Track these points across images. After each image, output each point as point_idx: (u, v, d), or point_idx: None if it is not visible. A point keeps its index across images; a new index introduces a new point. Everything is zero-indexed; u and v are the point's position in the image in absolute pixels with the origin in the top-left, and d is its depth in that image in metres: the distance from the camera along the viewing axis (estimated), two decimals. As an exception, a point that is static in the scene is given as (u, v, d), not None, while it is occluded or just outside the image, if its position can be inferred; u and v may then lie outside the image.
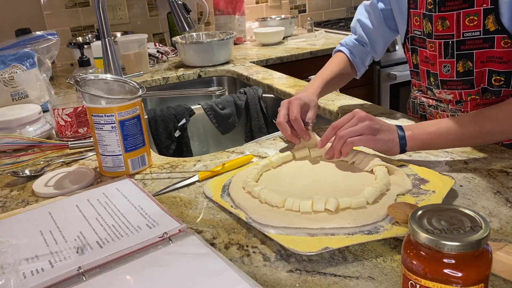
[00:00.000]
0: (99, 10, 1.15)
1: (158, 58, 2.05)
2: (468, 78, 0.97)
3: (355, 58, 1.20)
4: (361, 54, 1.20)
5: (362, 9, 1.21)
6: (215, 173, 0.89)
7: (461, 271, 0.42)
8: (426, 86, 1.08)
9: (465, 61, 0.96)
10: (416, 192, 0.74)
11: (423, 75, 1.08)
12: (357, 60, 1.20)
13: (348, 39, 1.22)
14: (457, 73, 0.98)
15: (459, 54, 0.96)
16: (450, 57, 0.98)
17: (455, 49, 0.96)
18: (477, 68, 0.95)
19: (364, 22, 1.18)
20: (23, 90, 1.34)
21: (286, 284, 0.58)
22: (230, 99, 1.52)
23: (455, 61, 0.97)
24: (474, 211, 0.46)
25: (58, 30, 1.86)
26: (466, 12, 0.91)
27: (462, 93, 0.99)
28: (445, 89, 1.02)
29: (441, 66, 1.00)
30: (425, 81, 1.08)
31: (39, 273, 0.61)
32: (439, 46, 0.99)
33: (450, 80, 1.00)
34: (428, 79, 1.06)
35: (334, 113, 1.20)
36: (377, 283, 0.57)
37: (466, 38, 0.94)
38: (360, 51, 1.20)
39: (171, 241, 0.67)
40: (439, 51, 0.99)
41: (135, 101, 0.91)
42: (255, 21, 2.55)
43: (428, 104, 1.11)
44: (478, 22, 0.91)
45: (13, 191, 0.90)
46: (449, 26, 0.95)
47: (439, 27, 0.97)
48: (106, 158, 0.91)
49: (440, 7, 0.95)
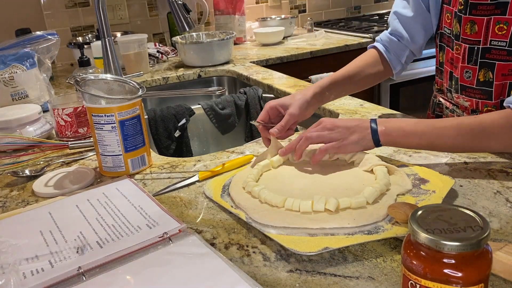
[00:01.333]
0: (99, 10, 1.15)
1: (158, 58, 2.05)
2: (487, 88, 0.93)
3: (390, 54, 1.08)
4: (396, 50, 1.08)
5: (398, 1, 1.09)
6: (215, 173, 0.89)
7: (461, 271, 0.42)
8: (447, 88, 1.05)
9: (487, 71, 0.92)
10: (416, 192, 0.74)
11: (446, 75, 1.04)
12: (392, 57, 1.08)
13: (383, 34, 1.11)
14: (478, 81, 0.94)
15: (482, 62, 0.92)
16: (473, 63, 0.94)
17: (479, 56, 0.92)
18: (497, 81, 0.91)
19: (401, 12, 1.07)
20: (23, 90, 1.34)
21: (286, 284, 0.58)
22: (230, 99, 1.52)
23: (477, 69, 0.93)
24: (474, 211, 0.46)
25: (58, 30, 1.86)
26: (497, 19, 0.88)
27: (479, 102, 0.96)
28: (464, 95, 0.99)
29: (463, 71, 0.97)
30: (447, 82, 1.04)
31: (39, 273, 0.61)
32: (463, 50, 0.95)
33: (470, 87, 0.97)
34: (450, 81, 1.03)
35: (335, 113, 1.20)
36: (377, 283, 0.57)
37: (492, 46, 0.90)
38: (395, 46, 1.08)
39: (171, 241, 0.67)
40: (463, 55, 0.95)
41: (135, 101, 0.90)
42: (255, 21, 2.55)
43: (446, 106, 1.09)
44: (506, 32, 0.87)
45: (13, 191, 0.90)
46: (477, 32, 0.91)
47: (467, 31, 0.93)
48: (106, 158, 0.91)
49: (472, 9, 0.91)
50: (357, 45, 2.14)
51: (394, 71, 1.10)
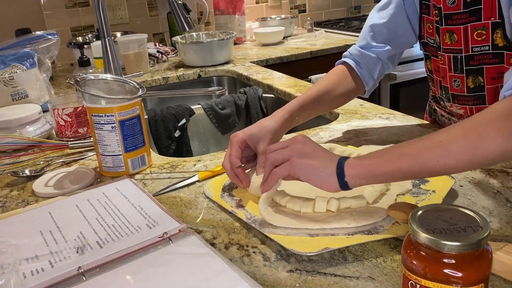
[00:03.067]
0: (99, 10, 1.15)
1: (158, 58, 2.05)
2: (479, 93, 0.91)
3: (362, 69, 0.99)
4: (368, 64, 1.00)
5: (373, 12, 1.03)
6: (215, 173, 0.88)
7: (461, 271, 0.42)
8: (439, 96, 1.03)
9: (475, 77, 0.90)
10: (416, 192, 0.74)
11: (436, 84, 1.01)
12: (364, 72, 1.00)
13: (352, 49, 1.02)
14: (468, 88, 0.92)
15: (468, 69, 0.90)
16: (459, 72, 0.92)
17: (464, 64, 0.90)
18: (489, 85, 0.89)
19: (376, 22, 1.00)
20: (23, 90, 1.34)
21: (286, 284, 0.58)
22: (230, 99, 1.52)
23: (464, 76, 0.91)
24: (474, 211, 0.46)
25: (58, 30, 1.86)
26: (474, 26, 0.86)
27: (473, 108, 0.94)
28: (456, 103, 0.97)
29: (452, 80, 0.94)
30: (438, 91, 1.01)
31: (39, 273, 0.61)
32: (448, 60, 0.93)
33: (461, 95, 0.95)
34: (440, 90, 1.00)
35: (335, 113, 1.20)
36: (377, 283, 0.57)
37: (474, 53, 0.88)
38: (367, 60, 1.00)
39: (171, 241, 0.67)
40: (449, 65, 0.93)
41: (135, 101, 0.90)
42: (255, 21, 2.55)
43: (441, 114, 1.08)
44: (486, 37, 0.85)
45: (13, 191, 0.90)
46: (457, 40, 0.89)
47: (447, 41, 0.91)
48: (106, 158, 0.91)
49: (447, 20, 0.89)
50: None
51: (366, 87, 1.01)
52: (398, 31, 1.00)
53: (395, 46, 1.01)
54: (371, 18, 1.02)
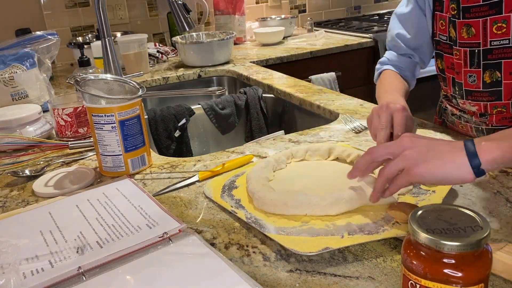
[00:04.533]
0: (99, 10, 1.15)
1: (158, 58, 2.05)
2: (496, 89, 0.90)
3: (405, 72, 1.08)
4: (410, 67, 1.09)
5: (395, 21, 1.10)
6: (215, 173, 0.89)
7: (461, 271, 0.42)
8: (451, 94, 1.03)
9: (493, 71, 0.89)
10: (416, 192, 0.74)
11: (449, 82, 1.01)
12: (408, 74, 1.09)
13: (389, 56, 1.10)
14: (484, 84, 0.91)
15: (486, 63, 0.89)
16: (476, 66, 0.91)
17: (481, 58, 0.89)
18: (506, 80, 0.88)
19: (402, 33, 1.07)
20: (23, 90, 1.34)
21: (286, 284, 0.58)
22: (230, 99, 1.52)
23: (481, 71, 0.90)
24: (474, 211, 0.46)
25: (58, 30, 1.86)
26: (494, 19, 0.85)
27: (488, 105, 0.94)
28: (470, 100, 0.96)
29: (466, 76, 0.94)
30: (451, 89, 1.01)
31: (39, 273, 0.61)
32: (464, 55, 0.92)
33: (476, 91, 0.94)
34: (453, 87, 1.00)
35: (335, 113, 1.20)
36: (377, 283, 0.57)
37: (493, 47, 0.87)
38: (408, 65, 1.09)
39: (171, 241, 0.67)
40: (464, 60, 0.92)
41: (135, 101, 0.90)
42: (255, 21, 2.55)
43: (452, 112, 1.07)
44: (507, 30, 0.84)
45: (13, 191, 0.90)
46: (475, 34, 0.88)
47: (464, 35, 0.90)
48: (106, 158, 0.91)
49: (465, 13, 0.88)
50: (357, 45, 2.13)
51: (410, 87, 1.08)
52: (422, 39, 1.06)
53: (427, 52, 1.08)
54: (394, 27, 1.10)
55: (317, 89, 1.43)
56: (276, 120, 1.57)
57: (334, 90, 2.01)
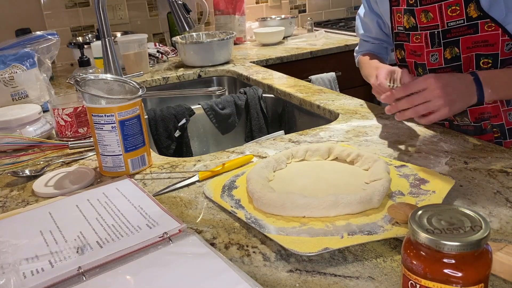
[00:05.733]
0: (99, 10, 1.15)
1: (158, 58, 2.05)
2: (456, 64, 1.00)
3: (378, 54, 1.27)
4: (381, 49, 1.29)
5: (358, 22, 1.30)
6: (215, 173, 0.89)
7: (461, 271, 0.42)
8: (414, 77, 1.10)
9: (452, 48, 0.99)
10: (416, 192, 0.74)
11: (411, 67, 1.11)
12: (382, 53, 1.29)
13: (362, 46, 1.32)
14: (445, 60, 1.01)
15: (445, 42, 0.99)
16: (437, 46, 1.01)
17: (441, 38, 0.99)
18: (464, 54, 0.98)
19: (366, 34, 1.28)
20: (23, 90, 1.34)
21: (286, 284, 0.58)
22: (230, 99, 1.52)
23: (442, 49, 1.01)
24: (474, 211, 0.46)
25: (58, 30, 1.86)
26: (448, 4, 0.95)
27: None
28: None
29: (429, 56, 1.03)
30: (414, 73, 1.11)
31: (39, 273, 0.61)
32: (425, 37, 1.02)
33: (439, 68, 1.03)
34: (416, 70, 1.09)
35: (335, 113, 1.20)
36: (377, 283, 0.57)
37: (450, 27, 0.97)
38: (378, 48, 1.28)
39: (171, 241, 0.67)
40: (426, 41, 1.03)
41: (135, 101, 0.90)
42: (255, 21, 2.55)
43: None
44: (460, 11, 0.94)
45: (13, 191, 0.90)
46: (433, 18, 0.98)
47: (423, 19, 1.00)
48: (106, 158, 0.91)
49: (421, 1, 0.99)
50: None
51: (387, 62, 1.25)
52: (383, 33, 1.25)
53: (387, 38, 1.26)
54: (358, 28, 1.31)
55: (317, 89, 1.43)
56: (276, 120, 1.57)
57: (334, 90, 2.01)
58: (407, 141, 0.97)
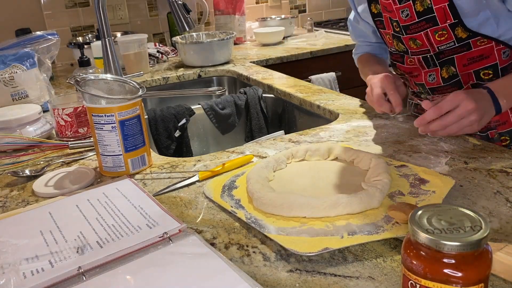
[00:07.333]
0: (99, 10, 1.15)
1: (158, 58, 2.05)
2: (454, 80, 0.99)
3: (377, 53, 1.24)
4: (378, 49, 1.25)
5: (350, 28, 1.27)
6: (215, 173, 0.89)
7: (461, 271, 0.42)
8: (417, 91, 1.10)
9: (448, 67, 0.98)
10: (416, 192, 0.74)
11: (411, 83, 1.09)
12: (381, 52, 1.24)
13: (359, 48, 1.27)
14: (443, 79, 1.00)
15: (441, 62, 0.98)
16: (433, 66, 0.99)
17: (435, 59, 0.98)
18: (461, 71, 0.97)
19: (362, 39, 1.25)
20: (23, 90, 1.34)
21: (286, 284, 0.58)
22: (230, 99, 1.52)
23: (439, 69, 0.99)
24: (474, 211, 0.46)
25: (58, 30, 1.86)
26: (434, 30, 0.93)
27: None
28: (437, 94, 1.03)
29: (426, 76, 1.02)
30: (416, 88, 1.09)
31: (39, 273, 0.61)
32: (418, 61, 1.01)
33: (438, 87, 1.02)
34: (418, 87, 1.08)
35: (335, 113, 1.20)
36: (377, 283, 0.57)
37: (442, 50, 0.96)
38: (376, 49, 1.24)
39: (171, 241, 0.67)
40: (420, 64, 1.01)
41: (135, 101, 0.90)
42: (255, 21, 2.55)
43: None
44: (448, 35, 0.93)
45: (13, 191, 0.90)
46: (422, 44, 0.97)
47: (413, 46, 0.99)
48: (106, 158, 0.91)
49: (406, 30, 0.97)
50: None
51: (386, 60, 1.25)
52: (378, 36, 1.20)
53: None
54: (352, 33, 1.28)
55: (317, 89, 1.43)
56: (276, 120, 1.57)
57: (334, 90, 2.01)
58: (407, 141, 0.97)
